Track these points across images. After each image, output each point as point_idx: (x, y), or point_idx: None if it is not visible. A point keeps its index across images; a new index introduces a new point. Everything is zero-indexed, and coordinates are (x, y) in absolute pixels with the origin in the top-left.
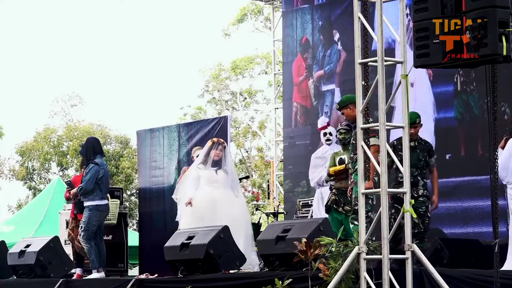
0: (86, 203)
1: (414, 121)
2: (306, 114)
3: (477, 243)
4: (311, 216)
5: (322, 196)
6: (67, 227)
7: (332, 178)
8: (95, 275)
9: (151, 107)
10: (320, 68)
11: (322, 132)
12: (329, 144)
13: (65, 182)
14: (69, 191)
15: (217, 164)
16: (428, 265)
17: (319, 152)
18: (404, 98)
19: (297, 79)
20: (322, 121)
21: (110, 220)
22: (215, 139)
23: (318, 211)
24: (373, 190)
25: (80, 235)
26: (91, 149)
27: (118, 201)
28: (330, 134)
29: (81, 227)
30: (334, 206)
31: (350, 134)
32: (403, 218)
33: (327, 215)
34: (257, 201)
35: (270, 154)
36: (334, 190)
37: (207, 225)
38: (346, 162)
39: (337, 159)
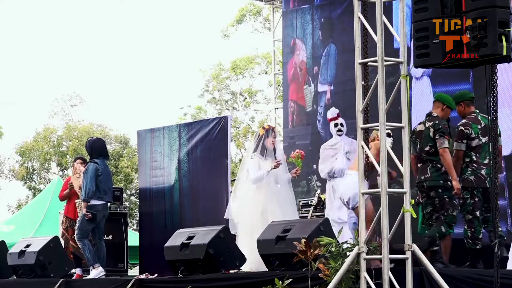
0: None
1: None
2: (304, 114)
3: None
4: (323, 207)
5: (333, 189)
6: None
7: None
8: (93, 273)
9: (151, 107)
10: (318, 68)
11: (332, 123)
12: (340, 135)
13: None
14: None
15: (274, 153)
16: (428, 265)
17: (329, 143)
18: (404, 98)
19: (294, 79)
20: (332, 112)
21: None
22: (266, 126)
23: (330, 204)
24: (373, 190)
25: (75, 233)
26: (90, 150)
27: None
28: (342, 125)
29: (76, 226)
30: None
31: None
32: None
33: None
34: None
35: None
36: None
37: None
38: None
39: None
